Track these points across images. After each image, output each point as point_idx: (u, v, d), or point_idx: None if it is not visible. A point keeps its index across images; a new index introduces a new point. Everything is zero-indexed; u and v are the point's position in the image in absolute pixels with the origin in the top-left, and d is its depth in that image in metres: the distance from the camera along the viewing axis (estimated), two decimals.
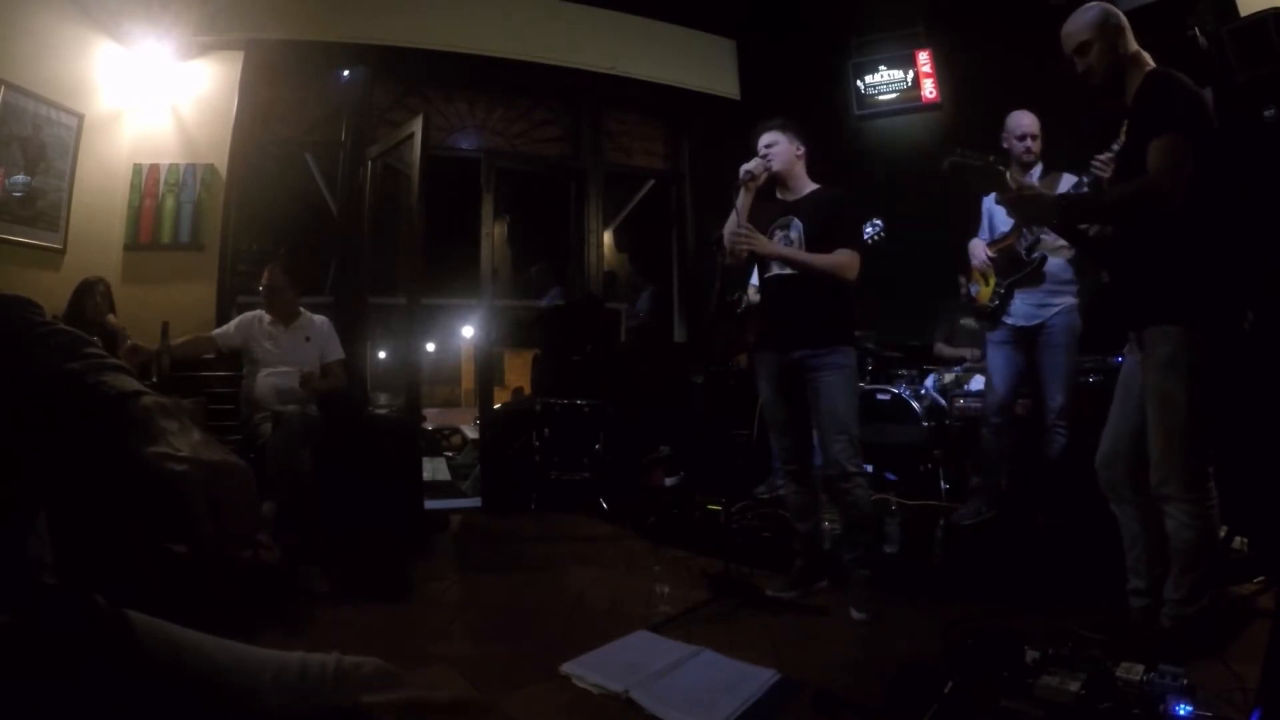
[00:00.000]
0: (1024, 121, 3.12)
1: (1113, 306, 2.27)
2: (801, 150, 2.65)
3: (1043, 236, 3.02)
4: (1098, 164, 2.50)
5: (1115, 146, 2.50)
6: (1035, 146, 3.10)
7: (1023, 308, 3.13)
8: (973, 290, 3.31)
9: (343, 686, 0.65)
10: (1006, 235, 3.19)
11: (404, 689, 0.57)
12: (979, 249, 3.27)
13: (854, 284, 2.50)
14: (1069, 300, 3.09)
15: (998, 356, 3.22)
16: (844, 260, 2.48)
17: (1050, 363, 3.08)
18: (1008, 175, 3.05)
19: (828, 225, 2.53)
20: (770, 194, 2.71)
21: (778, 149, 2.62)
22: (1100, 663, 1.58)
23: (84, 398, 0.57)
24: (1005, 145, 3.15)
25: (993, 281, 3.21)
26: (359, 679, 0.66)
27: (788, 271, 2.56)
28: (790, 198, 2.65)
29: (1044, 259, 3.06)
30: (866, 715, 1.68)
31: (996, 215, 3.28)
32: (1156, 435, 1.89)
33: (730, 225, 2.60)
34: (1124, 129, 2.37)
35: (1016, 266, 3.12)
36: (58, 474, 0.58)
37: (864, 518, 2.48)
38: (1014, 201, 2.15)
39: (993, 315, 3.20)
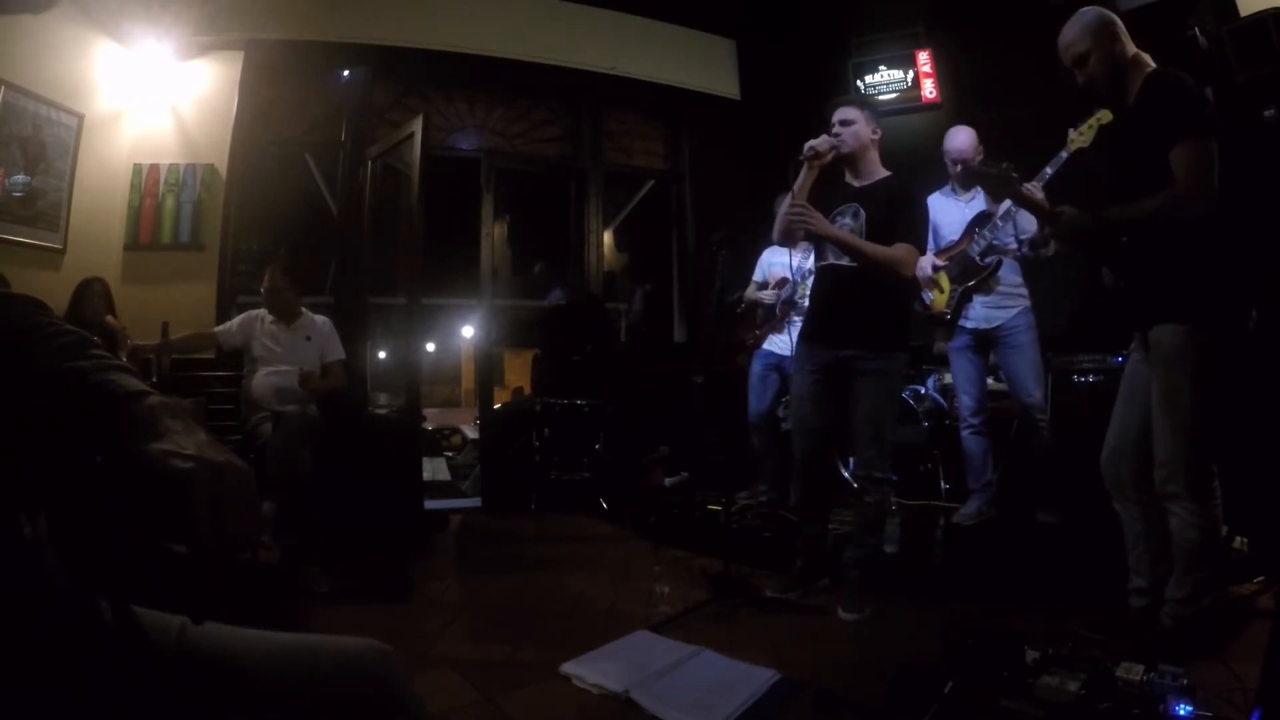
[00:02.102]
0: (960, 143, 3.16)
1: (1118, 305, 2.28)
2: (878, 133, 2.49)
3: (994, 242, 3.08)
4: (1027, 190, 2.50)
5: (1049, 170, 2.56)
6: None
7: (981, 311, 3.17)
8: (926, 298, 3.33)
9: (345, 675, 0.66)
10: (957, 242, 3.24)
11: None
12: (926, 263, 3.26)
13: (909, 281, 2.41)
14: (1023, 303, 3.15)
15: (961, 361, 3.28)
16: (900, 254, 2.32)
17: (1016, 362, 3.12)
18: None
19: (892, 217, 2.37)
20: (838, 176, 2.53)
21: (853, 129, 2.43)
22: (1100, 663, 1.58)
23: (88, 396, 0.58)
24: (949, 166, 3.20)
25: (948, 288, 3.25)
26: (362, 666, 0.67)
27: (844, 262, 2.42)
28: (858, 183, 2.49)
29: (999, 263, 3.11)
30: (866, 715, 1.68)
31: (941, 223, 3.29)
32: (1161, 434, 1.89)
33: (784, 205, 2.41)
34: (1071, 143, 2.40)
35: (972, 272, 3.16)
36: (60, 474, 0.58)
37: (875, 522, 2.47)
38: (1059, 231, 2.14)
39: (950, 321, 3.25)
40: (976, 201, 3.19)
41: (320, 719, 0.64)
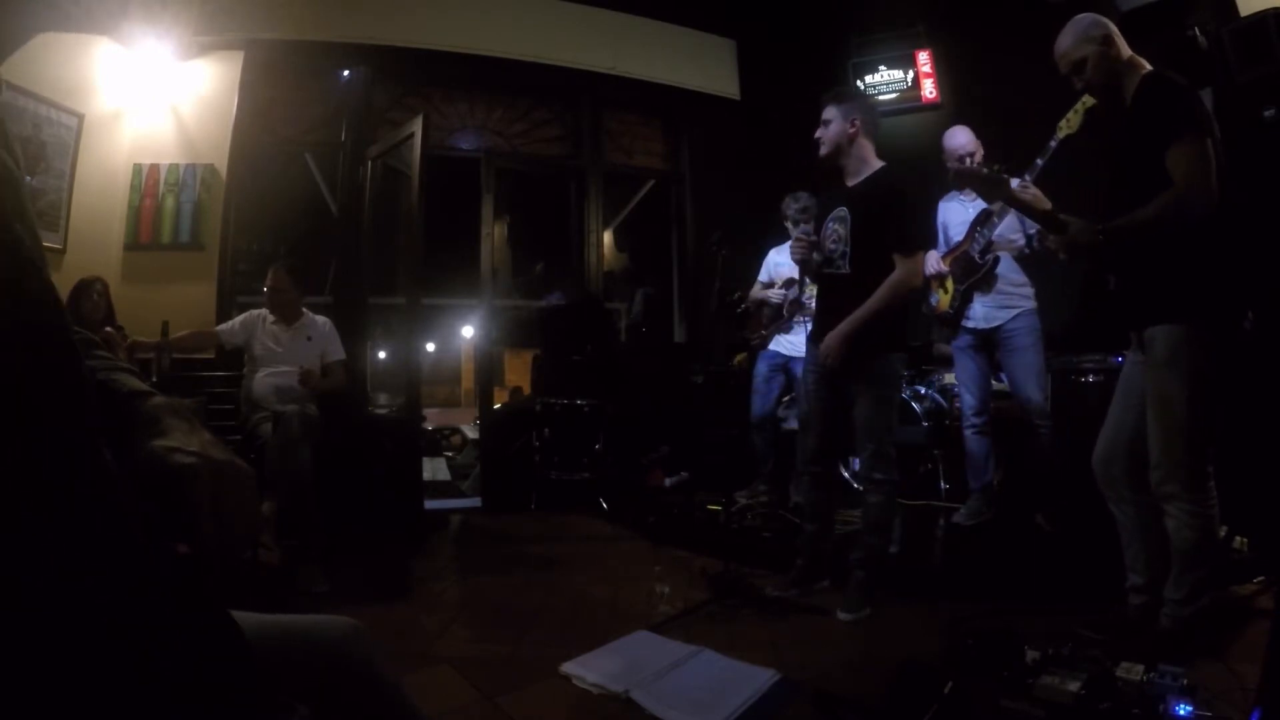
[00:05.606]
0: (960, 141, 3.16)
1: (1115, 306, 2.28)
2: (857, 125, 2.44)
3: (993, 238, 3.08)
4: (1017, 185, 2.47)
5: (1040, 162, 2.60)
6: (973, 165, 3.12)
7: (982, 310, 3.18)
8: (933, 300, 3.35)
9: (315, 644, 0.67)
10: (960, 243, 3.24)
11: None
12: (933, 260, 3.27)
13: (919, 289, 2.47)
14: (1027, 304, 3.14)
15: (964, 361, 3.27)
16: (900, 279, 2.36)
17: (1018, 364, 3.11)
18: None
19: (875, 220, 2.39)
20: (838, 174, 2.56)
21: (830, 130, 2.46)
22: (1100, 663, 1.58)
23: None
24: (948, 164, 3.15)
25: (951, 288, 3.26)
26: (333, 639, 0.68)
27: (838, 270, 2.49)
28: (849, 182, 2.51)
29: (997, 260, 3.12)
30: (866, 715, 1.68)
31: (951, 225, 3.32)
32: (1157, 435, 1.89)
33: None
34: (1060, 131, 2.48)
35: (972, 270, 3.17)
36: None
37: (879, 523, 2.47)
38: (1067, 245, 2.12)
39: (953, 321, 3.25)
40: (981, 201, 3.17)
41: (293, 688, 0.64)
